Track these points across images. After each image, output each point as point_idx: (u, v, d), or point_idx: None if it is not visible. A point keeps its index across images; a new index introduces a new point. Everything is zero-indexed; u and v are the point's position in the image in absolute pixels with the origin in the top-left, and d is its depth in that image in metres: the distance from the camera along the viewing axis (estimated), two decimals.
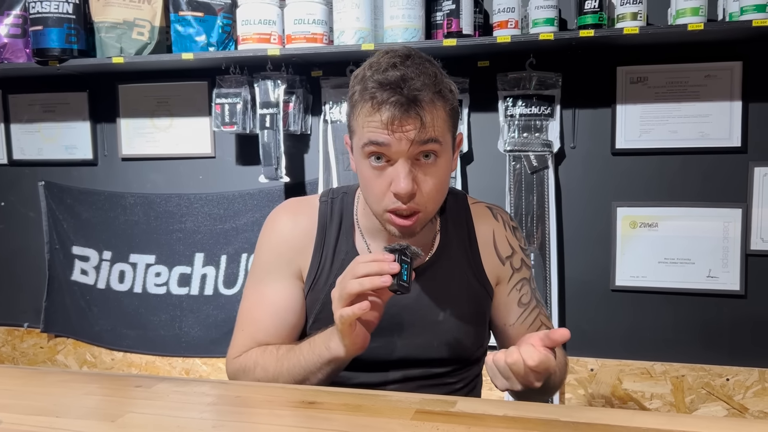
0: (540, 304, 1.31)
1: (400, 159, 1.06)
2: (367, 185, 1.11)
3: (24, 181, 2.61)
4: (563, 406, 1.02)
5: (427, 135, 1.05)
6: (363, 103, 1.07)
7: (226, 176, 2.42)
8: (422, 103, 1.04)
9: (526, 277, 1.30)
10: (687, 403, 2.10)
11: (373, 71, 1.07)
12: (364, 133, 1.07)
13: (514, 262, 1.28)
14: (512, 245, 1.29)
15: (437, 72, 1.09)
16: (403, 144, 1.04)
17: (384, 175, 1.08)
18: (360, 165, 1.12)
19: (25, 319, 2.66)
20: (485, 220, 1.29)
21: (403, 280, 1.01)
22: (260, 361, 1.19)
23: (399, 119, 1.03)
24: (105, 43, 2.17)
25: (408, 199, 1.07)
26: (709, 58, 2.01)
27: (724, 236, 2.04)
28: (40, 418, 0.95)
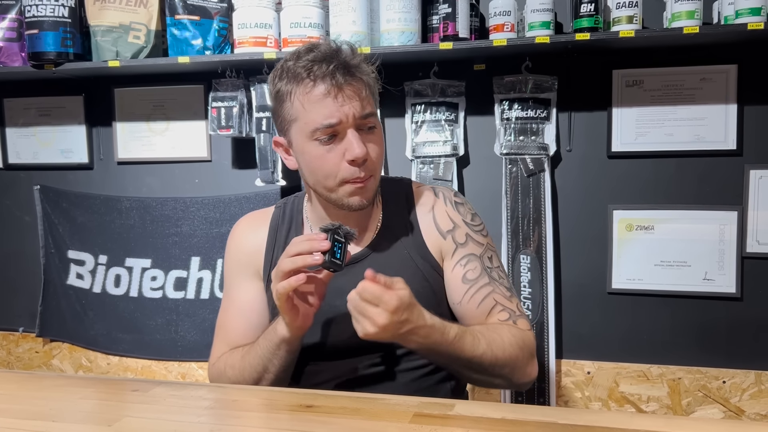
0: (496, 283, 1.25)
1: (348, 130, 1.12)
2: (319, 164, 1.15)
3: (19, 185, 2.61)
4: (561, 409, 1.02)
5: (368, 107, 1.14)
6: (297, 84, 1.12)
7: (223, 180, 2.41)
8: (356, 70, 1.12)
9: (474, 252, 1.26)
10: (684, 406, 2.10)
11: (295, 60, 1.13)
12: (309, 114, 1.12)
13: (456, 236, 1.27)
14: (453, 219, 1.29)
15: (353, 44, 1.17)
16: (350, 112, 1.11)
17: (335, 149, 1.14)
18: (306, 149, 1.16)
19: (20, 324, 2.65)
20: (426, 198, 1.31)
21: (335, 257, 1.07)
22: (229, 362, 1.27)
23: (342, 85, 1.10)
24: (101, 47, 2.17)
25: (363, 163, 1.14)
26: (704, 61, 2.01)
27: (720, 239, 2.05)
28: (36, 422, 0.95)
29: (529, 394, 2.13)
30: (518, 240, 2.12)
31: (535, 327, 2.11)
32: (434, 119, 2.17)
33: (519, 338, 1.18)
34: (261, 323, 1.30)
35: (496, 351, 1.14)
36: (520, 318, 1.24)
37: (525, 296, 2.11)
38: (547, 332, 2.11)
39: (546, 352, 2.11)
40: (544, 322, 2.11)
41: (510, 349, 1.16)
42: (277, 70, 1.17)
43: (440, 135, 2.16)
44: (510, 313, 1.23)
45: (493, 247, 1.31)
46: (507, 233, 2.12)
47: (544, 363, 2.11)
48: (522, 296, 2.11)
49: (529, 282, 2.11)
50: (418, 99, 2.18)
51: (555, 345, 2.12)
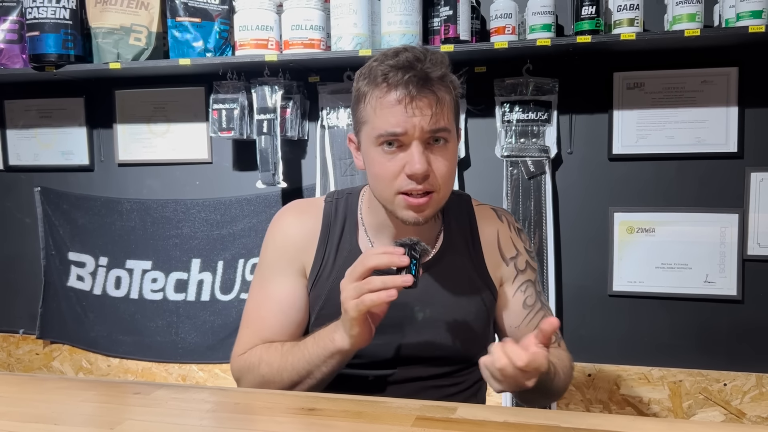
0: (545, 307, 1.31)
1: (413, 142, 1.09)
2: (379, 171, 1.13)
3: (20, 187, 2.61)
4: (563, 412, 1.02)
5: (440, 122, 1.09)
6: (374, 87, 1.09)
7: (223, 182, 2.41)
8: (435, 80, 1.08)
9: (531, 279, 1.30)
10: (685, 409, 2.10)
11: (380, 61, 1.10)
12: (378, 120, 1.09)
13: (518, 263, 1.29)
14: (517, 246, 1.30)
15: (447, 60, 1.12)
16: (418, 128, 1.07)
17: (396, 158, 1.10)
18: (370, 154, 1.14)
19: (20, 326, 2.64)
20: (489, 221, 1.31)
21: (411, 274, 1.03)
22: (265, 357, 1.20)
23: (414, 96, 1.06)
24: (102, 49, 2.17)
25: (422, 180, 1.09)
26: (705, 63, 2.01)
27: (721, 241, 2.05)
28: (38, 425, 0.95)
29: None
30: None
31: None
32: None
33: (571, 360, 1.28)
34: (299, 321, 1.26)
35: (567, 378, 1.22)
36: (562, 340, 1.32)
37: None
38: None
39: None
40: None
41: (570, 373, 1.26)
42: (364, 68, 1.14)
43: None
44: (557, 336, 1.29)
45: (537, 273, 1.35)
46: None
47: None
48: None
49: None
50: None
51: None
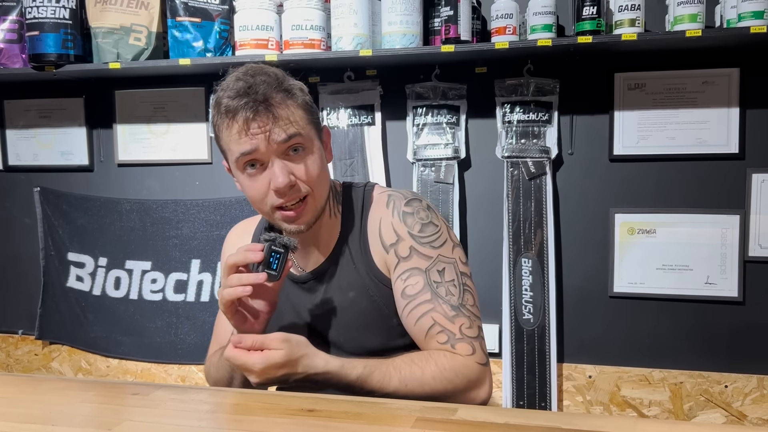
0: (439, 300, 1.17)
1: (271, 158, 1.13)
2: (250, 193, 1.18)
3: (19, 187, 2.60)
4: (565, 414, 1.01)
5: (287, 131, 1.13)
6: (221, 119, 1.15)
7: (223, 182, 2.41)
8: (272, 101, 1.12)
9: (418, 266, 1.18)
10: (685, 410, 2.10)
11: (223, 92, 1.15)
12: (231, 147, 1.15)
13: (399, 250, 1.20)
14: (398, 232, 1.21)
15: (279, 74, 1.17)
16: (266, 143, 1.12)
17: (261, 178, 1.15)
18: (240, 179, 1.19)
19: (19, 326, 2.64)
20: (377, 208, 1.26)
21: (271, 268, 1.10)
22: (212, 360, 1.32)
23: (254, 120, 1.11)
24: (102, 49, 2.16)
25: (289, 191, 1.14)
26: (706, 64, 2.01)
27: (722, 243, 2.04)
28: (36, 426, 0.94)
29: (530, 398, 2.12)
30: (519, 243, 2.11)
31: (537, 331, 2.10)
32: (435, 122, 2.16)
33: (449, 369, 1.13)
34: None
35: (413, 387, 1.11)
36: (461, 342, 1.15)
37: (526, 300, 2.11)
38: (549, 336, 2.10)
39: (547, 355, 2.10)
40: (546, 326, 2.10)
41: (432, 383, 1.12)
42: (214, 95, 1.18)
43: (441, 138, 2.16)
44: (449, 336, 1.15)
45: (449, 260, 1.20)
46: (508, 236, 2.12)
47: (546, 367, 2.10)
48: (523, 300, 2.11)
49: (531, 285, 2.11)
50: (420, 102, 2.17)
51: (556, 349, 2.11)
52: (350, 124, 2.23)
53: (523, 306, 2.11)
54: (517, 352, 2.12)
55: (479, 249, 2.21)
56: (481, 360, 1.17)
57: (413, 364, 1.13)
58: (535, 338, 2.11)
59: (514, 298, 2.12)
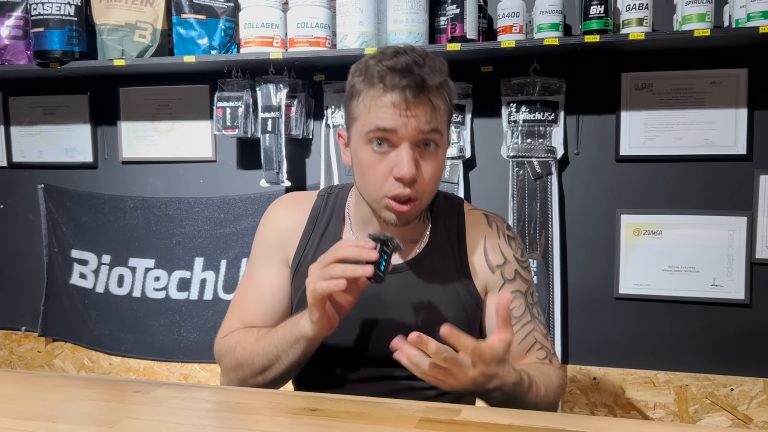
0: (536, 321, 1.25)
1: (403, 143, 1.08)
2: (367, 171, 1.12)
3: (23, 184, 2.60)
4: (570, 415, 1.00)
5: (432, 123, 1.08)
6: (369, 87, 1.08)
7: (227, 180, 2.40)
8: (432, 88, 1.07)
9: (520, 289, 1.24)
10: (691, 413, 2.08)
11: (377, 60, 1.09)
12: (370, 117, 1.08)
13: (505, 272, 1.24)
14: (505, 254, 1.25)
15: (446, 66, 1.11)
16: (411, 129, 1.07)
17: (386, 160, 1.10)
18: (360, 151, 1.12)
19: (22, 323, 2.64)
20: (479, 226, 1.27)
21: (379, 269, 1.03)
22: (241, 340, 1.22)
23: (410, 102, 1.05)
24: (106, 46, 2.16)
25: (410, 184, 1.09)
26: (714, 64, 2.00)
27: (729, 244, 2.03)
28: (37, 423, 0.93)
29: None
30: (525, 244, 2.10)
31: None
32: None
33: (560, 377, 1.21)
34: (280, 310, 1.27)
35: (551, 394, 1.15)
36: (554, 357, 1.25)
37: None
38: (553, 337, 2.09)
39: None
40: (550, 327, 2.09)
41: (557, 390, 1.18)
42: (360, 63, 1.13)
43: None
44: (546, 352, 1.23)
45: (533, 284, 1.29)
46: None
47: None
48: None
49: (535, 286, 2.09)
50: None
51: (561, 350, 2.10)
52: None
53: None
54: None
55: None
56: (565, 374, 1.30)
57: (545, 375, 1.16)
58: None
59: None
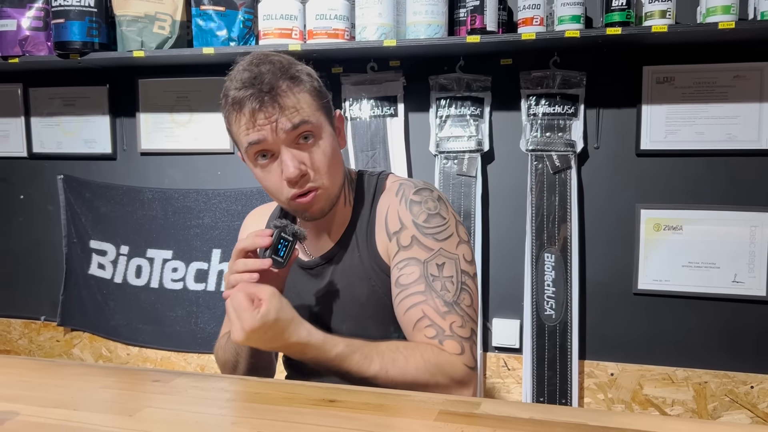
0: (432, 293, 1.12)
1: (281, 148, 1.12)
2: (264, 184, 1.18)
3: (43, 175, 2.62)
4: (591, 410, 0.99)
5: (293, 120, 1.11)
6: (229, 111, 1.14)
7: (245, 172, 2.38)
8: (277, 90, 1.10)
9: (416, 257, 1.15)
10: (710, 411, 2.06)
11: (231, 83, 1.14)
12: (241, 138, 1.13)
13: (401, 238, 1.17)
14: (403, 220, 1.18)
15: (285, 61, 1.15)
16: (276, 133, 1.11)
17: (272, 169, 1.15)
18: (254, 171, 1.18)
19: (42, 313, 2.66)
20: (387, 196, 1.24)
21: (279, 255, 1.10)
22: (221, 342, 1.32)
23: (261, 111, 1.10)
24: (126, 37, 2.17)
25: (300, 180, 1.13)
26: (738, 58, 1.97)
27: (751, 241, 2.00)
28: (58, 410, 0.94)
29: (550, 395, 2.09)
30: (543, 238, 2.08)
31: (559, 327, 2.08)
32: (459, 114, 2.14)
33: (433, 363, 1.09)
34: None
35: (393, 374, 1.08)
36: (450, 339, 1.11)
37: (549, 295, 2.08)
38: (571, 332, 2.07)
39: (569, 352, 2.08)
40: (568, 322, 2.07)
41: (415, 373, 1.08)
42: (222, 91, 1.17)
43: (465, 130, 2.14)
44: (438, 331, 1.11)
45: (451, 255, 1.16)
46: (531, 231, 2.09)
47: (567, 363, 2.08)
48: (545, 295, 2.08)
49: (553, 281, 2.08)
50: (443, 93, 2.15)
51: (578, 345, 2.08)
52: (372, 115, 2.21)
53: (545, 301, 2.09)
54: (538, 348, 2.10)
55: (501, 243, 2.18)
56: (469, 362, 1.11)
57: (398, 352, 1.09)
58: (556, 334, 2.08)
59: (536, 293, 2.09)
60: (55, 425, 0.89)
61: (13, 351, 2.69)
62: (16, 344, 2.69)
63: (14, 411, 0.93)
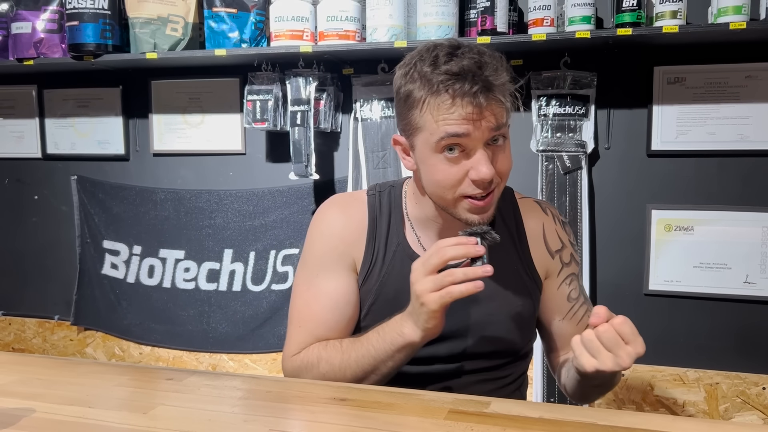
0: (588, 302, 1.30)
1: (477, 146, 1.06)
2: (441, 178, 1.09)
3: (57, 175, 2.65)
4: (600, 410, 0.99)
5: (499, 119, 1.06)
6: (433, 96, 1.04)
7: (256, 173, 2.42)
8: (498, 87, 1.04)
9: (575, 272, 1.29)
10: (721, 412, 2.05)
11: (432, 65, 1.05)
12: (439, 126, 1.05)
13: (563, 256, 1.28)
14: (562, 239, 1.29)
15: (503, 59, 1.08)
16: (484, 133, 1.04)
17: (460, 165, 1.07)
18: (430, 159, 1.09)
19: (55, 312, 2.69)
20: (534, 213, 1.29)
21: (483, 263, 1.02)
22: (324, 355, 1.17)
23: (482, 107, 1.02)
24: (139, 39, 2.19)
25: (489, 184, 1.08)
26: (749, 58, 1.96)
27: (763, 241, 1.99)
28: (73, 408, 0.96)
29: (560, 395, 2.09)
30: None
31: None
32: None
33: None
34: (352, 317, 1.24)
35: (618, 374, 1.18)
36: None
37: None
38: None
39: None
40: None
41: None
42: (409, 68, 1.08)
43: None
44: None
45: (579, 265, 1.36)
46: None
47: None
48: None
49: None
50: None
51: None
52: (383, 116, 2.22)
53: None
54: None
55: None
56: None
57: None
58: None
59: None
60: (71, 422, 0.91)
61: (27, 350, 2.72)
62: (30, 343, 2.72)
63: (31, 408, 0.95)
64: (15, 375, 1.11)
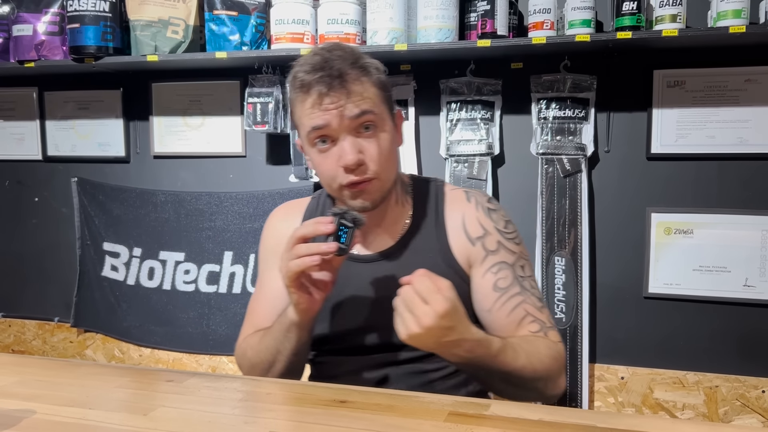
0: (527, 293, 1.21)
1: (342, 134, 1.13)
2: (319, 170, 1.18)
3: (57, 177, 2.65)
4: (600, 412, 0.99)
5: (360, 107, 1.12)
6: (295, 93, 1.15)
7: (257, 175, 2.42)
8: (346, 76, 1.11)
9: (505, 260, 1.22)
10: (720, 415, 2.05)
11: (300, 67, 1.15)
12: (304, 121, 1.14)
13: (487, 243, 1.23)
14: (485, 226, 1.24)
15: (356, 50, 1.17)
16: (339, 119, 1.11)
17: (330, 154, 1.14)
18: (310, 155, 1.19)
19: (55, 314, 2.69)
20: (457, 203, 1.28)
21: (340, 242, 1.07)
22: (250, 342, 1.27)
23: (328, 95, 1.10)
24: (140, 41, 2.19)
25: (357, 168, 1.13)
26: (749, 61, 1.96)
27: (762, 245, 2.00)
28: (73, 409, 0.96)
29: (561, 398, 2.09)
30: (553, 241, 2.09)
31: (569, 330, 2.08)
32: (470, 117, 2.15)
33: (554, 350, 1.17)
34: None
35: (536, 364, 1.12)
36: (551, 330, 1.21)
37: (559, 299, 2.08)
38: (581, 336, 2.07)
39: (579, 355, 2.08)
40: (578, 326, 2.07)
41: (547, 361, 1.14)
42: (290, 73, 1.18)
43: (475, 133, 2.14)
44: (541, 325, 1.20)
45: (526, 257, 1.26)
46: (542, 234, 2.09)
47: (577, 367, 2.08)
48: (556, 299, 2.08)
49: (564, 284, 2.08)
50: (454, 97, 2.16)
51: (588, 349, 2.08)
52: None
53: (556, 305, 2.09)
54: None
55: None
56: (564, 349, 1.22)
57: (529, 344, 1.14)
58: (567, 338, 2.08)
59: (546, 296, 2.09)
60: (71, 423, 0.91)
61: (27, 352, 2.72)
62: (30, 345, 2.72)
63: (31, 409, 0.95)
64: (15, 376, 1.11)
